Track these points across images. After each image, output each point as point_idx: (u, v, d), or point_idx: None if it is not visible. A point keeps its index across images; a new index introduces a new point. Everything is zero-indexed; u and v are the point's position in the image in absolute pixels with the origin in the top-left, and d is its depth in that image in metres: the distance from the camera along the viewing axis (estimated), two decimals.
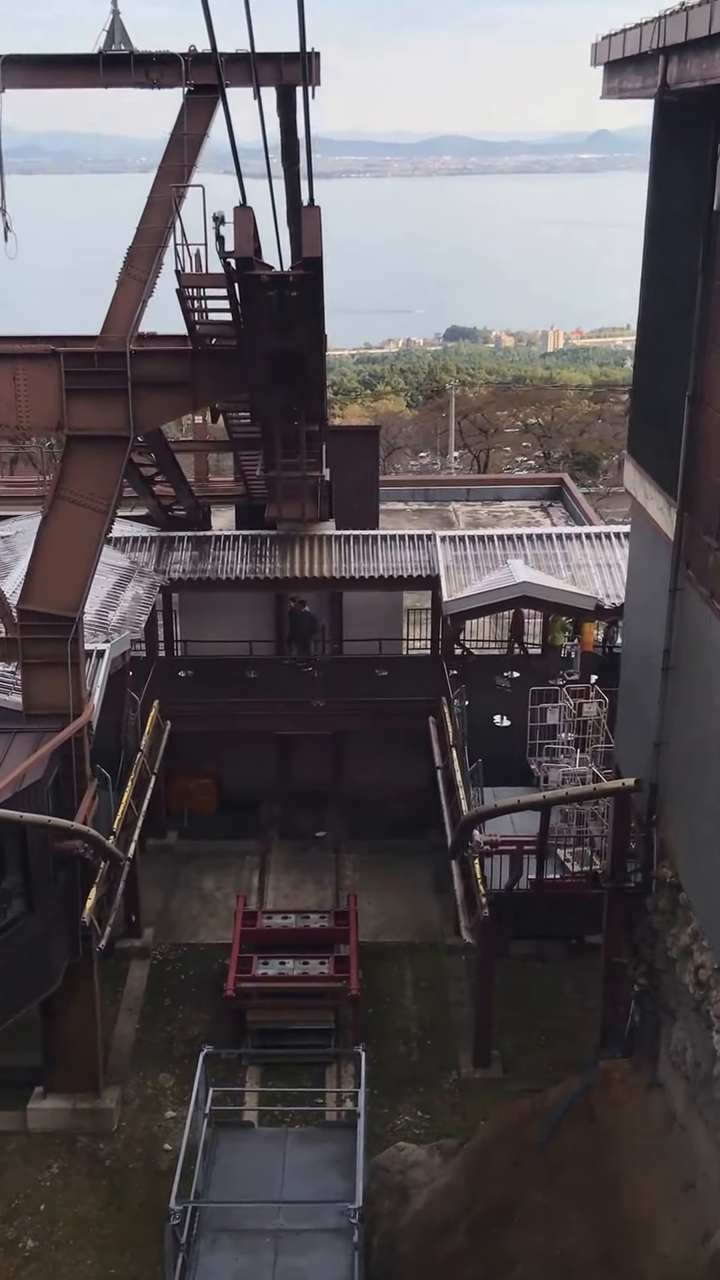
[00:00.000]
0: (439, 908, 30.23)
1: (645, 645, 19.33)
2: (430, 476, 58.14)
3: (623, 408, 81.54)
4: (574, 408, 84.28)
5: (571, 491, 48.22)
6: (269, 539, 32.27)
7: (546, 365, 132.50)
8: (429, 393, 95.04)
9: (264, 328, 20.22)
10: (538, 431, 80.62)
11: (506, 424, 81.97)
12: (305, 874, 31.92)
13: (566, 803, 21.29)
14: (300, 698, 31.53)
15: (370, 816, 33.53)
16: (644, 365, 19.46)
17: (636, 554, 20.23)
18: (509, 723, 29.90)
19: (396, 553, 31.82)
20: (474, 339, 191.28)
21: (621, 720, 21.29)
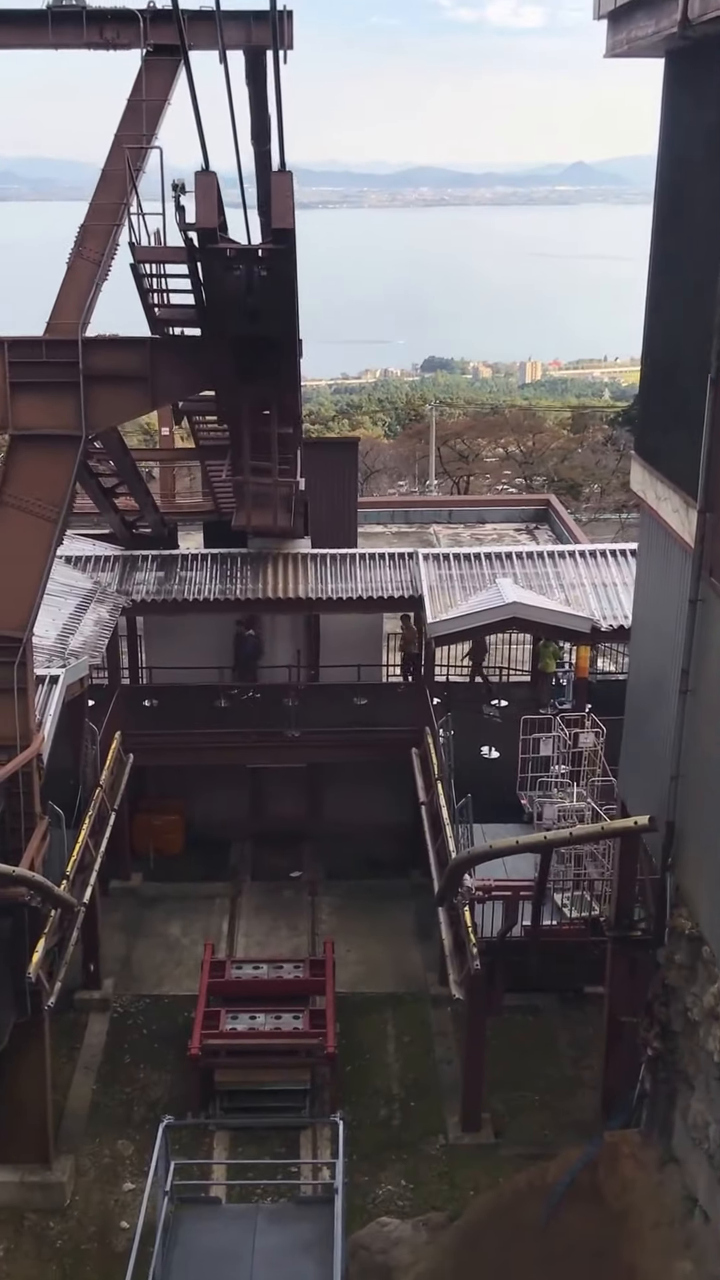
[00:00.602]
0: (422, 955, 28.11)
1: (657, 666, 17.37)
2: (411, 498, 56.25)
3: (604, 435, 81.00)
4: (555, 434, 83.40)
5: (558, 513, 46.46)
6: (240, 558, 30.26)
7: (525, 396, 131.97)
8: (408, 420, 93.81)
9: (231, 312, 18.29)
10: (518, 458, 79.47)
11: (487, 451, 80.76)
12: (279, 918, 29.74)
13: (571, 844, 19.25)
14: (274, 728, 29.45)
15: (349, 855, 31.46)
16: (655, 349, 17.59)
17: (646, 564, 18.30)
18: (498, 754, 28.01)
19: (376, 572, 29.84)
20: (452, 370, 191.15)
21: (627, 751, 19.31)
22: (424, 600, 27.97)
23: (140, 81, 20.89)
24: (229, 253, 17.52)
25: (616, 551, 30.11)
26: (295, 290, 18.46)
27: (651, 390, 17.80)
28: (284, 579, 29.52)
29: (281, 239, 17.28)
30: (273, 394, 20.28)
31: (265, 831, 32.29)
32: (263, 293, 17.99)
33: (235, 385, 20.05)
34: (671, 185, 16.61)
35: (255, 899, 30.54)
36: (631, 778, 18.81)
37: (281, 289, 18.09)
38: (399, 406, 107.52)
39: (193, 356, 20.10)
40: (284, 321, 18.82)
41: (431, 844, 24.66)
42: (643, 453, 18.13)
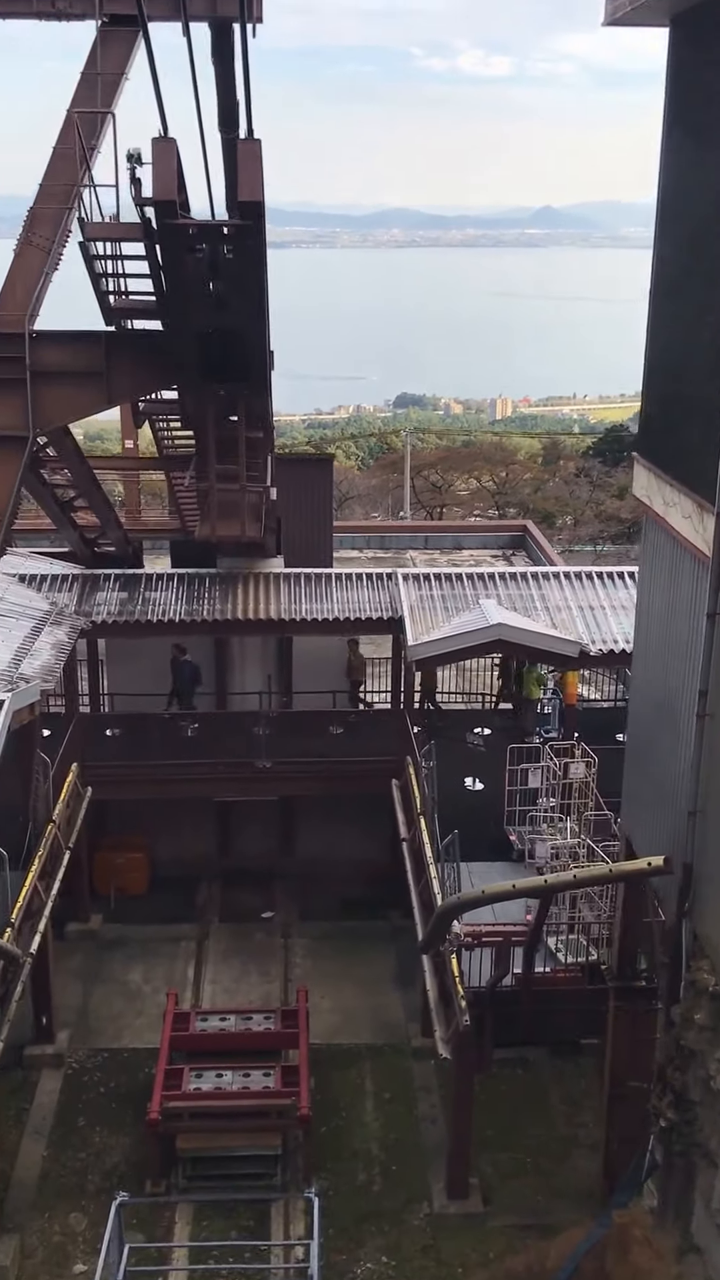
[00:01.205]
0: (403, 1002, 25.92)
1: (666, 689, 15.39)
2: (386, 523, 54.28)
3: (576, 466, 79.89)
4: (527, 466, 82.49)
5: (536, 539, 44.64)
6: (208, 578, 28.15)
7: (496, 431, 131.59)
8: (380, 452, 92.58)
9: (194, 299, 16.32)
10: (491, 489, 78.31)
11: (460, 484, 79.55)
12: (249, 963, 27.44)
13: (574, 888, 17.10)
14: (243, 758, 27.26)
15: (324, 895, 29.28)
16: (662, 337, 15.67)
17: (651, 578, 16.32)
18: (482, 786, 25.95)
19: (354, 593, 27.78)
20: (424, 405, 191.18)
21: (631, 783, 17.28)
22: (404, 622, 25.89)
23: (95, 54, 19.02)
24: (190, 230, 15.56)
25: (603, 574, 28.23)
26: (265, 275, 16.51)
27: (658, 383, 15.87)
28: (255, 599, 27.43)
29: (249, 214, 15.34)
30: (240, 392, 18.26)
31: (235, 869, 30.10)
32: (229, 277, 16.05)
33: (200, 383, 18.06)
34: (679, 162, 14.77)
35: (224, 942, 28.25)
36: (637, 813, 16.77)
37: (250, 273, 16.15)
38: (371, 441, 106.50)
39: (153, 352, 18.18)
40: (253, 311, 16.87)
41: (414, 885, 22.51)
42: (647, 454, 16.19)
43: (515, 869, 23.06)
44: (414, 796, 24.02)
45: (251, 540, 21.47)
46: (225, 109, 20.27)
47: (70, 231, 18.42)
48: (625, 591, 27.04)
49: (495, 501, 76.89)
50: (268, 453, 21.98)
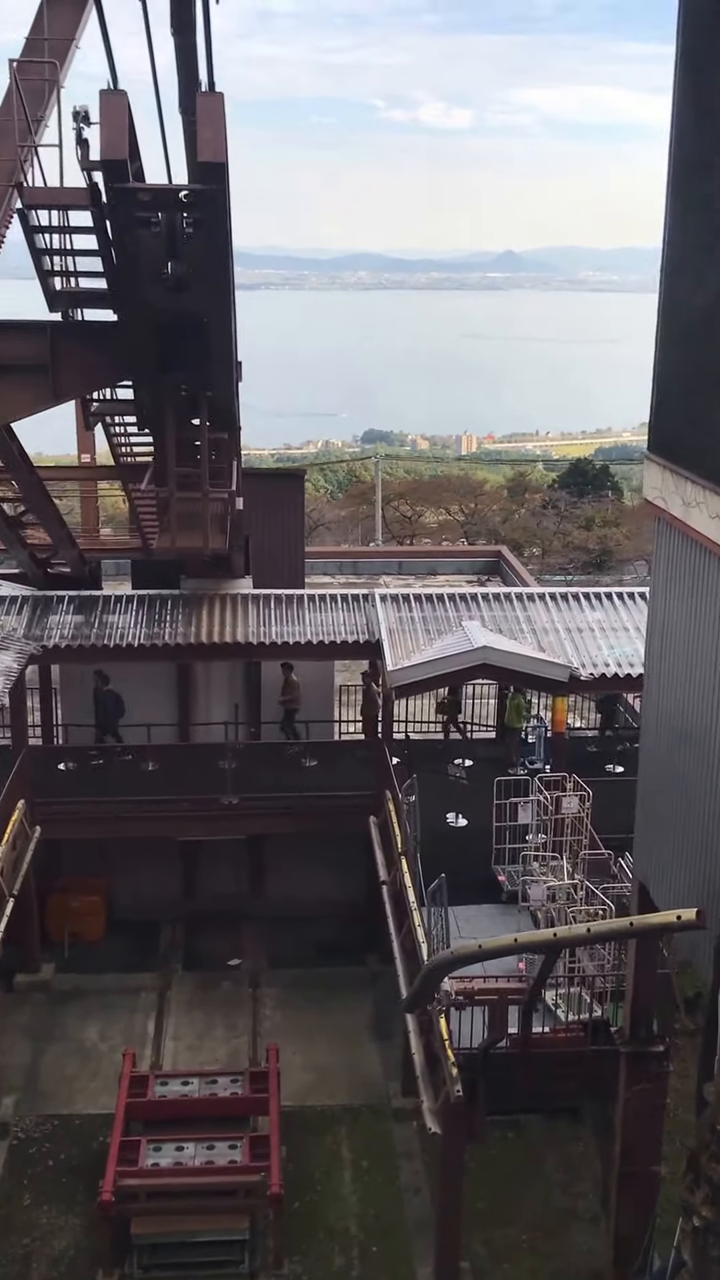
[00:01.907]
0: (381, 1057, 23.52)
1: (690, 715, 13.15)
2: (359, 548, 52.07)
3: (543, 497, 78.54)
4: (495, 497, 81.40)
5: (511, 564, 42.66)
6: (171, 600, 25.79)
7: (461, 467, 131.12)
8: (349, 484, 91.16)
9: (149, 281, 14.06)
10: (460, 520, 76.95)
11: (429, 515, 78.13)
12: (214, 1015, 24.92)
13: (588, 944, 14.76)
14: (209, 794, 24.84)
15: (295, 939, 26.89)
16: (678, 318, 13.51)
17: (668, 590, 14.12)
18: (466, 821, 23.68)
19: (328, 615, 25.48)
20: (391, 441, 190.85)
21: (645, 822, 15.03)
22: (383, 645, 23.61)
23: (41, 16, 16.85)
24: (143, 195, 13.31)
25: (590, 594, 26.10)
26: (229, 251, 14.31)
27: (676, 368, 13.68)
28: (221, 622, 25.09)
29: (211, 176, 13.13)
30: (202, 387, 16.00)
31: (200, 913, 27.61)
32: (189, 254, 13.79)
33: (157, 378, 15.79)
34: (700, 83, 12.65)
35: (187, 992, 25.71)
36: (653, 856, 14.51)
37: (212, 249, 13.95)
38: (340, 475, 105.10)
39: (104, 342, 15.86)
40: (216, 294, 14.67)
41: (395, 932, 20.14)
42: (662, 450, 14.01)
43: (505, 912, 20.81)
44: (394, 835, 21.69)
45: (215, 553, 19.16)
46: (186, 88, 18.14)
47: (14, 214, 16.14)
48: (615, 612, 24.98)
49: (464, 532, 75.52)
50: (233, 457, 19.74)
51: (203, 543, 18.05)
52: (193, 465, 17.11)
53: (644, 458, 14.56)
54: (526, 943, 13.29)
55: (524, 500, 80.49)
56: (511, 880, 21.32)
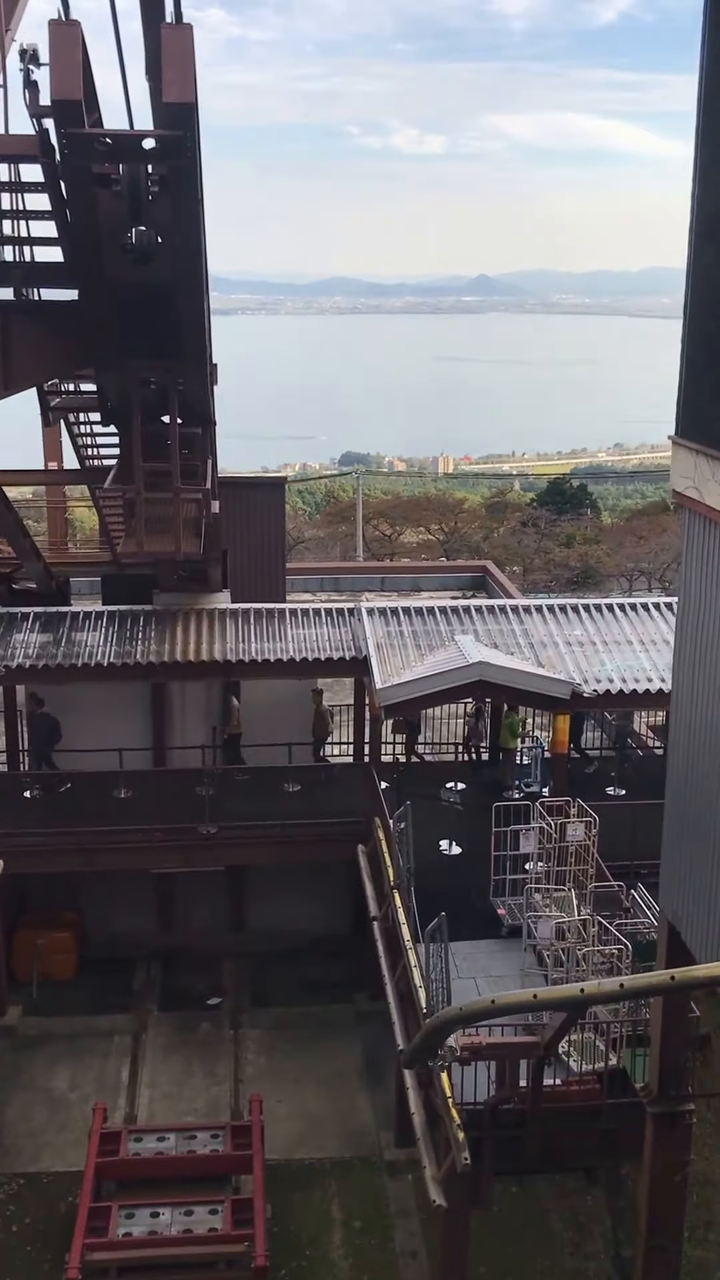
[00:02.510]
0: (373, 1104, 21.64)
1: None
2: (340, 564, 50.33)
3: (524, 515, 77.43)
4: (474, 514, 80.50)
5: (497, 579, 41.16)
6: (143, 616, 24.02)
7: (439, 487, 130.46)
8: (328, 502, 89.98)
9: (111, 247, 12.34)
10: (440, 538, 75.73)
11: (408, 534, 76.84)
12: (193, 1060, 22.99)
13: (623, 1000, 12.93)
14: (185, 823, 23.01)
15: (279, 976, 25.06)
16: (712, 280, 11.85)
17: (703, 591, 12.40)
18: (459, 850, 21.91)
19: (311, 630, 23.77)
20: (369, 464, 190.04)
21: (674, 855, 13.29)
22: (370, 662, 21.86)
23: None
24: (101, 144, 11.59)
25: (591, 606, 24.43)
26: (200, 212, 12.55)
27: (709, 337, 12.00)
28: (197, 639, 23.33)
29: (179, 121, 11.39)
30: (172, 376, 14.25)
31: (178, 948, 25.68)
32: (155, 216, 12.07)
33: (122, 363, 14.02)
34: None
35: (164, 1035, 23.76)
36: (685, 890, 12.75)
37: (181, 208, 12.21)
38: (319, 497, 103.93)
39: (62, 323, 14.09)
40: (186, 262, 12.91)
41: (389, 973, 18.30)
42: (695, 433, 12.30)
43: (506, 948, 19.05)
44: (385, 866, 19.89)
45: (189, 557, 17.40)
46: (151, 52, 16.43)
47: None
48: (617, 625, 23.35)
49: (444, 550, 74.32)
50: (208, 455, 18.03)
51: (175, 547, 16.25)
52: (162, 461, 15.33)
53: (672, 443, 12.87)
54: (550, 999, 11.48)
55: (504, 518, 79.65)
56: (512, 914, 19.56)
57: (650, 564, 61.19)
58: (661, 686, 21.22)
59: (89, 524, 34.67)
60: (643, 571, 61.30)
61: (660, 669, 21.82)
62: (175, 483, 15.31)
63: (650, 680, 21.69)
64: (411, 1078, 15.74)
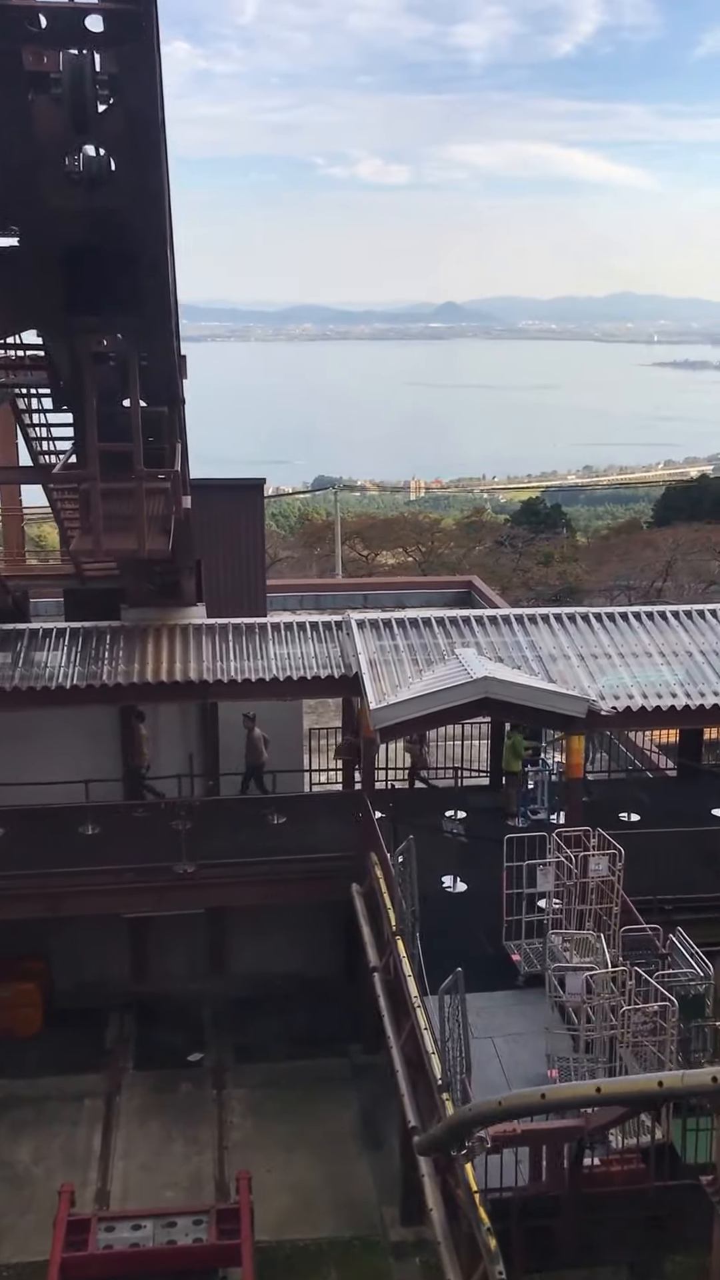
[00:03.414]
0: (373, 1170, 19.14)
1: None
2: (321, 580, 47.95)
3: (501, 533, 76.38)
4: (450, 535, 79.58)
5: (484, 594, 38.97)
6: (110, 633, 21.58)
7: (412, 510, 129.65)
8: (302, 524, 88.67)
9: (51, 169, 9.96)
10: (416, 558, 74.14)
11: (385, 556, 75.23)
12: (172, 1127, 20.40)
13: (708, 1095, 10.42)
14: (160, 861, 20.53)
15: (265, 1027, 22.54)
16: None
17: None
18: (464, 886, 19.54)
19: (295, 646, 21.38)
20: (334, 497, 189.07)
21: None
22: (363, 680, 19.47)
23: None
24: (32, 21, 9.22)
25: (604, 615, 22.17)
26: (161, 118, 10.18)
27: None
28: (170, 658, 20.92)
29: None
30: (131, 336, 11.86)
31: (154, 997, 23.10)
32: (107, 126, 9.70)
33: (71, 322, 11.61)
34: None
35: (140, 1097, 21.18)
36: None
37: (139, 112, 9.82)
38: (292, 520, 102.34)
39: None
40: (146, 188, 10.52)
41: (394, 1035, 15.83)
42: None
43: (523, 1001, 16.68)
44: (386, 909, 17.45)
45: (155, 557, 14.92)
46: None
47: None
48: (634, 635, 21.13)
49: (422, 570, 72.71)
50: (176, 440, 15.62)
51: (138, 545, 13.77)
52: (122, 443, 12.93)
53: None
54: (618, 1094, 9.05)
55: (480, 538, 78.75)
56: (529, 960, 17.18)
57: (636, 580, 59.51)
58: (688, 702, 18.97)
59: (54, 542, 32.27)
60: (629, 587, 59.52)
61: (686, 683, 19.58)
62: (137, 465, 12.89)
63: (675, 696, 19.41)
64: (428, 1164, 13.29)
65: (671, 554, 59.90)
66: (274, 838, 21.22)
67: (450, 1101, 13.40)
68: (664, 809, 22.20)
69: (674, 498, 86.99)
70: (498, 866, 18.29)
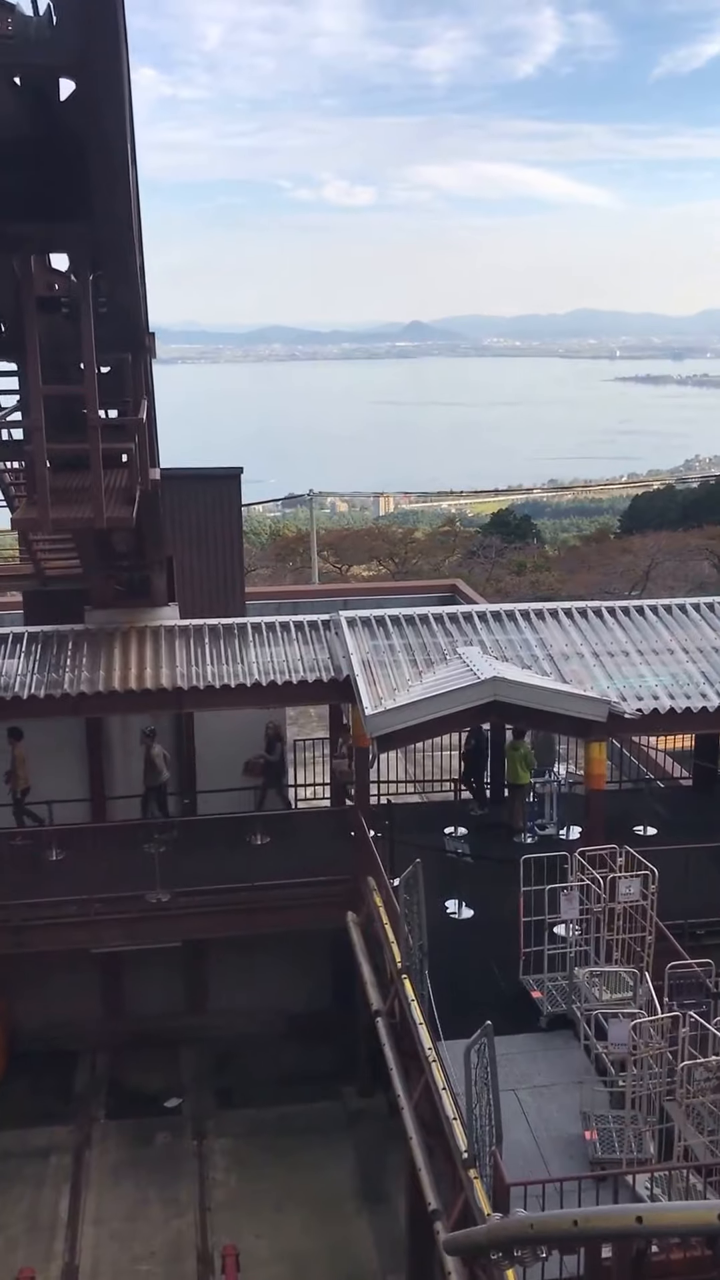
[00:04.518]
0: (374, 1233, 16.86)
1: None
2: (300, 586, 45.50)
3: (475, 542, 75.04)
4: (423, 546, 78.35)
5: (468, 598, 36.68)
6: (74, 637, 19.17)
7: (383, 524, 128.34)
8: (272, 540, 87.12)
9: None
10: (390, 569, 72.60)
11: (358, 569, 73.54)
12: (148, 1184, 17.97)
13: None
14: (131, 890, 18.10)
15: (249, 1068, 20.26)
16: None
17: None
18: (470, 912, 17.24)
19: (279, 649, 19.02)
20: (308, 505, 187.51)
21: None
22: (356, 684, 17.12)
23: None
24: None
25: (617, 609, 20.00)
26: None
27: None
28: (139, 663, 18.52)
29: None
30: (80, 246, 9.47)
31: (128, 1036, 20.71)
32: None
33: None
34: None
35: (113, 1151, 18.74)
36: None
37: None
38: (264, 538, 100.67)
39: None
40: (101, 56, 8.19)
41: (405, 1094, 13.41)
42: None
43: (548, 1046, 14.38)
44: (388, 942, 15.07)
45: (117, 527, 12.41)
46: None
47: None
48: (653, 631, 18.93)
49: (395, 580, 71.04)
50: (142, 392, 13.16)
51: (95, 515, 11.24)
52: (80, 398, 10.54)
53: None
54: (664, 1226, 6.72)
55: (453, 548, 77.70)
56: (553, 999, 14.84)
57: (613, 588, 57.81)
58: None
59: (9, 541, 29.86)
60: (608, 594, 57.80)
61: (718, 681, 17.35)
62: (92, 413, 10.46)
63: (706, 696, 17.16)
64: (456, 1262, 10.88)
65: (651, 558, 58.29)
66: (257, 861, 18.76)
67: (479, 1179, 11.08)
68: (683, 822, 19.99)
69: (642, 508, 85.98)
70: (506, 889, 16.03)
